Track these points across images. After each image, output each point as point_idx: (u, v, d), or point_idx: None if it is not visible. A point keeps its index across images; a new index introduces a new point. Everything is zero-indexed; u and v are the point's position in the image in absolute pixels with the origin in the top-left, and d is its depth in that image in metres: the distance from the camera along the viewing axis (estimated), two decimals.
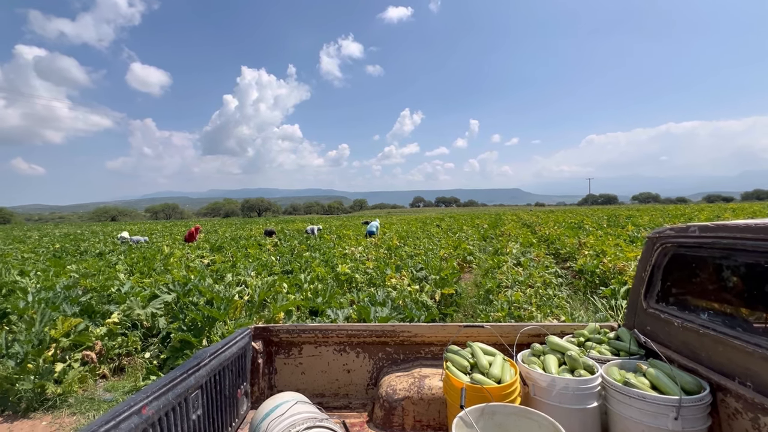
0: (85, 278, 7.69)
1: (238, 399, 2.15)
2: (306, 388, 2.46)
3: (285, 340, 2.50)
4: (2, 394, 3.72)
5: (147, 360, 4.61)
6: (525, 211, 57.79)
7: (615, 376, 1.72)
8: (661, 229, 2.02)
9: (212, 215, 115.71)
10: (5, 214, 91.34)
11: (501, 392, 1.68)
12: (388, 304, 5.18)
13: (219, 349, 1.95)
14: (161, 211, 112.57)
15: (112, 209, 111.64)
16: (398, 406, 2.08)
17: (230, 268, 8.81)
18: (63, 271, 8.91)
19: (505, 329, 2.29)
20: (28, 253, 14.69)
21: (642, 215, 27.64)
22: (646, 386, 1.61)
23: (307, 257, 10.35)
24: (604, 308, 5.57)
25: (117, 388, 4.14)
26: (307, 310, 5.69)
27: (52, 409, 3.72)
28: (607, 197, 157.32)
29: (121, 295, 5.83)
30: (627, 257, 7.47)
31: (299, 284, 6.98)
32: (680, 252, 1.91)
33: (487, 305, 5.92)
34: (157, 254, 12.19)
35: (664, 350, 1.83)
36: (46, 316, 4.63)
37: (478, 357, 1.92)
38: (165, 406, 1.46)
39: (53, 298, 5.54)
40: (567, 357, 1.85)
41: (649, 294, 2.06)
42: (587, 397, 1.69)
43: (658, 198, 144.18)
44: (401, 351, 2.47)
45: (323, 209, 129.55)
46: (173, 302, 5.75)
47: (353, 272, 7.89)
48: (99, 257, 12.87)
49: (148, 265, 9.65)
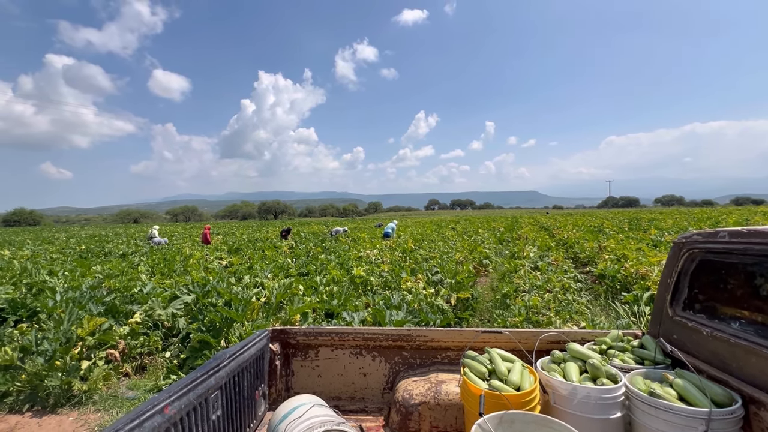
0: (109, 279, 7.94)
1: (256, 400, 2.17)
2: (322, 391, 2.47)
3: (302, 343, 2.52)
4: (32, 390, 3.86)
5: (167, 359, 4.72)
6: (542, 214, 56.78)
7: (640, 385, 1.66)
8: (688, 234, 1.95)
9: (230, 218, 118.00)
10: (35, 216, 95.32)
11: (520, 400, 1.65)
12: (404, 307, 5.17)
13: (238, 350, 1.98)
14: (181, 213, 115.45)
15: (135, 211, 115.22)
16: (415, 411, 2.06)
17: (247, 270, 8.95)
18: (89, 271, 9.23)
19: (524, 335, 2.25)
20: (56, 254, 15.28)
21: (665, 218, 26.78)
22: (673, 397, 1.55)
23: (322, 260, 10.43)
24: (626, 314, 5.41)
25: (139, 386, 4.25)
26: (323, 313, 5.73)
27: (78, 405, 3.84)
28: (628, 200, 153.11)
29: (143, 296, 6.00)
30: (650, 262, 7.25)
31: (315, 286, 7.04)
32: (709, 258, 1.84)
33: (504, 310, 5.83)
34: (177, 256, 12.50)
35: (692, 360, 1.76)
36: (73, 315, 4.80)
37: (497, 363, 1.89)
38: (186, 406, 1.49)
39: (80, 297, 5.74)
40: (589, 365, 1.80)
41: (675, 301, 1.99)
42: (610, 407, 1.65)
43: (682, 200, 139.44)
44: (417, 355, 2.46)
45: (338, 212, 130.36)
46: (193, 303, 5.87)
47: (368, 275, 7.90)
48: (122, 258, 13.28)
49: (169, 267, 9.90)
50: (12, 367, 3.96)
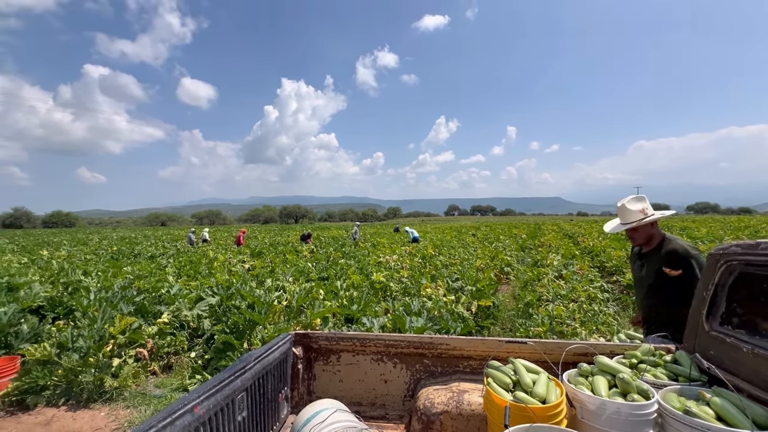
0: (139, 279, 8.26)
1: (279, 403, 2.21)
2: (344, 396, 2.48)
3: (324, 347, 2.54)
4: (67, 385, 4.05)
5: (192, 359, 4.86)
6: (566, 221, 55.29)
7: (674, 403, 1.59)
8: (726, 246, 1.86)
9: (252, 221, 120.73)
10: (71, 218, 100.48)
11: (546, 413, 1.61)
12: (424, 314, 5.13)
13: (263, 353, 2.02)
14: (206, 217, 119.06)
15: (162, 215, 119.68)
16: (436, 420, 2.04)
17: (269, 274, 9.12)
18: (120, 272, 9.63)
19: (549, 346, 2.19)
20: (90, 255, 16.02)
21: (699, 227, 25.56)
22: (710, 417, 1.48)
23: (342, 264, 10.50)
24: None
25: (165, 384, 4.39)
26: (343, 317, 5.76)
27: (109, 401, 4.00)
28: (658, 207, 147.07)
29: (170, 297, 6.21)
30: None
31: (335, 291, 7.09)
32: (748, 271, 1.75)
33: (527, 319, 5.71)
34: (202, 258, 12.87)
35: (731, 378, 1.67)
36: (105, 313, 5.01)
37: (521, 374, 1.85)
38: (214, 406, 1.54)
39: (111, 297, 6.00)
40: (618, 380, 1.73)
41: (712, 315, 1.90)
42: (641, 424, 1.58)
43: (717, 208, 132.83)
44: (439, 363, 2.43)
45: (357, 217, 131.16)
46: (217, 305, 6.03)
47: (388, 281, 7.91)
48: (151, 260, 13.79)
49: (195, 269, 10.21)
50: (50, 362, 4.17)
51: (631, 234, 2.75)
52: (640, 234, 2.69)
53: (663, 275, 2.57)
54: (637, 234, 2.70)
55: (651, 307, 2.74)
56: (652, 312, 2.73)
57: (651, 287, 2.70)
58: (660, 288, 2.62)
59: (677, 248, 2.55)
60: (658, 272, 2.60)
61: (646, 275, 2.73)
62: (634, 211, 2.63)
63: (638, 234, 2.70)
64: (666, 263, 2.56)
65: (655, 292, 2.67)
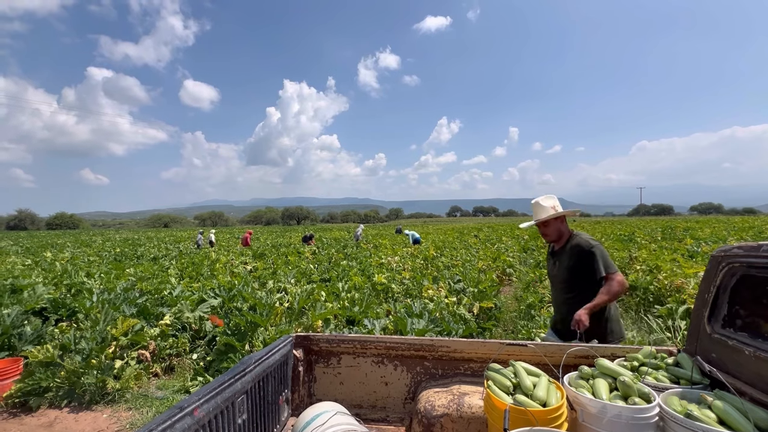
0: (141, 281, 8.29)
1: (279, 405, 2.21)
2: (344, 399, 2.47)
3: (324, 350, 2.54)
4: (70, 386, 4.07)
5: (194, 361, 4.87)
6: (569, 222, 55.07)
7: (675, 406, 1.57)
8: (727, 248, 1.85)
9: (254, 223, 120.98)
10: (75, 220, 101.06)
11: (547, 416, 1.60)
12: (425, 316, 5.13)
13: (263, 355, 2.02)
14: (208, 218, 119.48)
15: (165, 216, 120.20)
16: (437, 422, 2.04)
17: (271, 275, 9.13)
18: (122, 273, 9.67)
19: (550, 349, 2.18)
20: (93, 256, 16.09)
21: (702, 227, 25.43)
22: (712, 420, 1.47)
23: (344, 266, 10.51)
24: (660, 329, 5.16)
25: (167, 386, 4.40)
26: (344, 319, 5.76)
27: (111, 403, 4.01)
28: (661, 207, 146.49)
29: (173, 299, 6.23)
30: (686, 274, 6.90)
31: (337, 293, 7.09)
32: (750, 273, 1.74)
33: (529, 321, 5.69)
34: (204, 260, 12.90)
35: (733, 381, 1.66)
36: (108, 315, 5.03)
37: (522, 377, 1.84)
38: (214, 409, 1.54)
39: (114, 299, 6.02)
40: (619, 382, 1.72)
41: (713, 318, 1.89)
42: (643, 427, 1.57)
43: (720, 208, 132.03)
44: (440, 366, 2.43)
45: (359, 218, 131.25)
46: (219, 306, 6.04)
47: (389, 282, 7.90)
48: (153, 261, 13.84)
49: (197, 270, 10.23)
50: (52, 363, 4.19)
51: (543, 230, 2.86)
52: (551, 229, 2.81)
53: (572, 271, 2.66)
54: (549, 229, 2.82)
55: (563, 304, 2.79)
56: (564, 309, 2.76)
57: (563, 284, 2.79)
58: (571, 284, 2.70)
59: (581, 242, 2.67)
60: (568, 269, 2.69)
61: (558, 272, 2.82)
62: (546, 208, 2.77)
63: (549, 229, 2.81)
64: (572, 258, 2.66)
65: (567, 288, 2.74)
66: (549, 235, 2.86)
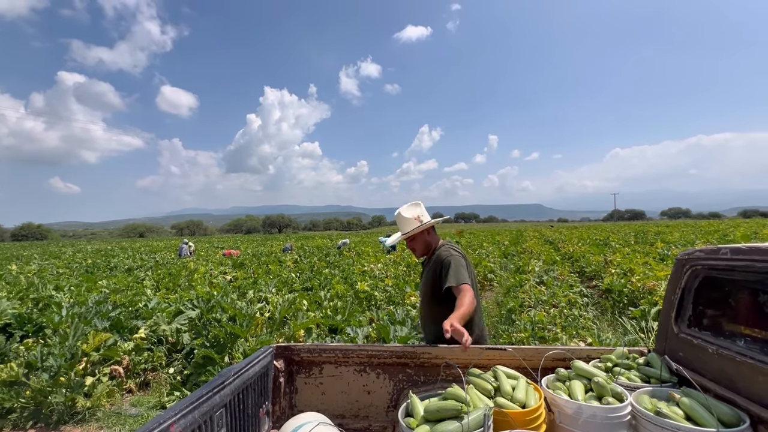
0: (115, 294, 7.98)
1: (260, 418, 2.17)
2: (326, 409, 2.45)
3: (306, 360, 2.52)
4: (36, 406, 3.86)
5: (171, 375, 4.71)
6: (547, 228, 56.43)
7: (646, 404, 1.64)
8: (691, 251, 1.96)
9: (234, 232, 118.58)
10: (43, 230, 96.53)
11: (525, 417, 1.64)
12: (408, 323, 5.14)
13: (243, 367, 1.98)
14: (186, 227, 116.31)
15: (141, 226, 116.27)
16: None
17: (252, 285, 8.96)
18: (94, 286, 9.28)
19: (528, 352, 2.23)
20: (63, 269, 15.39)
21: (672, 231, 26.56)
22: (680, 417, 1.54)
23: (326, 274, 10.42)
24: (634, 330, 5.34)
25: (142, 402, 4.23)
26: (327, 328, 5.70)
27: (81, 422, 3.83)
28: (634, 213, 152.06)
29: (148, 311, 6.02)
30: (657, 276, 7.18)
31: (319, 301, 7.02)
32: (712, 275, 1.84)
33: (510, 325, 5.78)
34: (182, 270, 12.54)
35: (699, 378, 1.74)
36: (78, 330, 4.81)
37: (501, 381, 1.88)
38: (192, 424, 1.50)
39: (85, 312, 5.77)
40: (594, 383, 1.78)
41: (680, 318, 1.98)
42: (616, 426, 1.63)
43: (689, 213, 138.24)
44: (422, 373, 2.44)
45: (342, 225, 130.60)
46: (197, 318, 5.87)
47: (372, 290, 7.88)
48: (128, 273, 13.35)
49: (174, 281, 9.94)
50: (17, 383, 3.98)
51: (410, 244, 2.53)
52: (418, 242, 2.50)
53: (435, 282, 2.40)
54: (416, 243, 2.51)
55: (428, 317, 2.55)
56: (429, 321, 2.54)
57: (427, 296, 2.53)
58: (433, 296, 2.45)
59: (441, 253, 2.41)
60: (432, 280, 2.43)
61: (422, 285, 2.58)
62: (410, 219, 2.43)
63: (416, 243, 2.51)
64: (435, 269, 2.42)
65: (431, 300, 2.49)
66: (417, 250, 2.53)
